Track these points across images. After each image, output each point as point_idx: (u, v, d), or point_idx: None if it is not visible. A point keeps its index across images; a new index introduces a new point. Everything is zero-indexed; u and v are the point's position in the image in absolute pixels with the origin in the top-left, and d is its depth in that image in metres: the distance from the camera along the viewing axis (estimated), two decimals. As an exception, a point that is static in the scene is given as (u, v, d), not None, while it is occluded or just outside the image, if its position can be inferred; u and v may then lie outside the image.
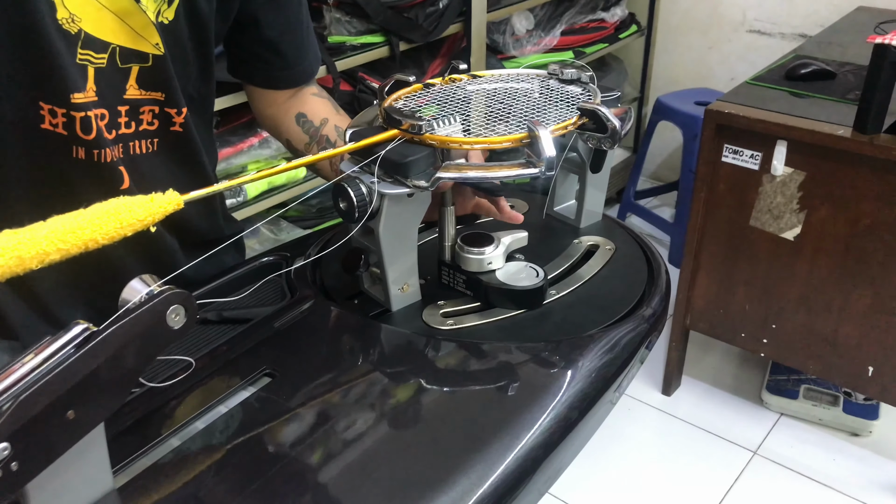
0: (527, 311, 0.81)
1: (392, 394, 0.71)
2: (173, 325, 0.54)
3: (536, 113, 0.78)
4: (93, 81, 0.76)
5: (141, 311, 0.52)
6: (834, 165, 1.51)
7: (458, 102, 0.81)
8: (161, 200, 0.60)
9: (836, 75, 1.72)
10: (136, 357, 0.53)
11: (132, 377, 0.54)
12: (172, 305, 0.54)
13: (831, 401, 1.87)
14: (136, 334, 0.52)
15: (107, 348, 0.51)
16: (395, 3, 1.75)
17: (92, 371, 0.50)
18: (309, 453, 0.63)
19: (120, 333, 0.52)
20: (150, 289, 0.53)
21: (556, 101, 0.81)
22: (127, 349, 0.52)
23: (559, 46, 2.28)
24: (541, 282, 0.81)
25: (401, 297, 0.81)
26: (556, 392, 0.72)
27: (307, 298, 0.81)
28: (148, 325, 0.53)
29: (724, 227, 1.71)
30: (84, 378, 0.50)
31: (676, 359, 1.96)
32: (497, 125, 0.76)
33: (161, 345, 0.54)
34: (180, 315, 0.55)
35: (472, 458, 0.63)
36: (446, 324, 0.79)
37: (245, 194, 1.58)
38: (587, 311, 0.82)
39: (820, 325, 1.66)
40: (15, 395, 0.48)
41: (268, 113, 0.99)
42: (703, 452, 1.84)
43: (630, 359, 0.81)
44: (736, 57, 2.61)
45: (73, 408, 0.50)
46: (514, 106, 0.80)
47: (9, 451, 0.47)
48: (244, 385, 0.69)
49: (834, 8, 2.33)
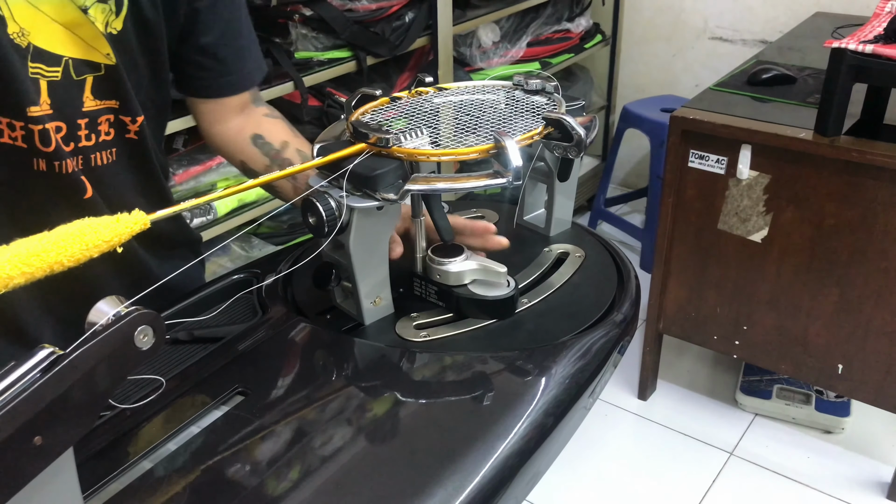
0: (498, 320, 0.82)
1: (367, 408, 0.70)
2: (141, 346, 0.54)
3: (503, 124, 0.79)
4: (46, 94, 0.76)
5: (108, 332, 0.52)
6: (797, 168, 1.54)
7: (426, 115, 0.81)
8: (127, 220, 0.59)
9: (796, 80, 1.75)
10: (105, 379, 0.52)
11: (101, 400, 0.53)
12: (140, 326, 0.53)
13: (804, 399, 1.90)
14: (104, 356, 0.52)
15: (74, 372, 0.50)
16: (362, 18, 1.76)
17: (59, 395, 0.49)
18: (285, 471, 0.62)
19: (87, 356, 0.51)
20: (116, 310, 0.52)
21: (521, 112, 0.81)
22: (95, 372, 0.51)
23: (525, 57, 2.31)
24: (511, 291, 0.81)
25: (373, 310, 0.81)
26: (530, 399, 0.73)
27: (279, 315, 0.81)
28: (116, 346, 0.52)
29: (693, 231, 1.73)
30: (51, 403, 0.49)
31: (651, 363, 1.98)
32: (465, 137, 0.76)
33: (130, 366, 0.54)
34: (148, 336, 0.54)
35: (449, 468, 0.63)
36: (419, 336, 0.79)
37: (215, 212, 1.57)
38: (559, 319, 0.83)
39: (790, 325, 1.68)
40: None
41: (216, 130, 0.98)
42: (680, 455, 1.85)
43: (603, 364, 0.82)
44: (699, 64, 2.65)
45: (41, 433, 0.49)
46: (482, 118, 0.80)
47: None
48: (216, 404, 0.68)
49: (792, 14, 2.38)
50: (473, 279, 0.81)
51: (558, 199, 0.95)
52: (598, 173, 2.75)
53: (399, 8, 1.83)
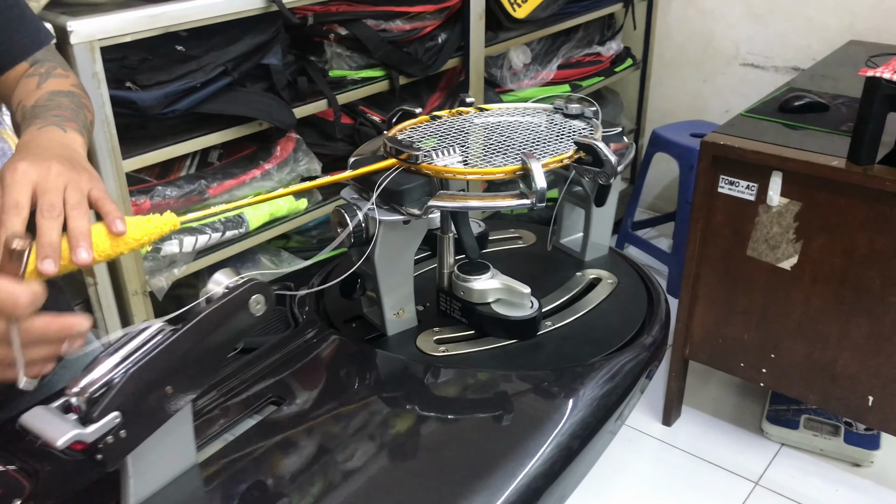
0: (519, 340, 0.82)
1: (394, 422, 0.71)
2: (255, 313, 0.61)
3: (536, 146, 0.80)
4: None
5: (227, 299, 0.58)
6: (829, 196, 1.53)
7: (461, 134, 0.83)
8: (158, 221, 0.62)
9: (829, 107, 1.74)
10: (223, 341, 0.59)
11: (219, 359, 0.60)
12: (254, 294, 0.60)
13: (832, 431, 1.87)
14: (223, 320, 0.58)
15: (199, 332, 0.57)
16: (395, 38, 1.78)
17: (186, 351, 0.57)
18: (316, 479, 0.63)
19: (210, 319, 0.57)
20: (232, 280, 0.59)
21: (557, 135, 0.82)
22: (215, 333, 0.58)
23: (556, 80, 2.32)
24: (533, 313, 0.82)
25: (396, 322, 0.82)
26: (557, 421, 0.73)
27: (311, 327, 0.82)
28: (233, 311, 0.59)
29: (722, 257, 1.72)
30: (180, 357, 0.56)
31: (676, 389, 1.96)
32: (494, 157, 0.77)
33: (244, 329, 0.60)
34: (261, 303, 0.61)
35: (476, 485, 0.63)
36: (438, 350, 0.80)
37: (247, 225, 1.59)
38: (581, 343, 0.83)
39: (819, 354, 1.66)
40: (124, 370, 0.54)
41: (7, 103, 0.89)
42: (704, 483, 1.83)
43: (631, 387, 0.82)
44: (729, 90, 2.64)
45: (171, 383, 0.57)
46: (514, 139, 0.81)
47: (119, 420, 0.54)
48: (250, 413, 0.69)
49: (825, 42, 2.37)
50: (497, 298, 0.82)
51: (595, 223, 0.95)
52: (626, 197, 2.75)
53: (432, 29, 1.85)
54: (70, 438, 0.52)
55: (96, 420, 0.53)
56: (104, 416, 0.53)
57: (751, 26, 2.51)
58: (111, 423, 0.53)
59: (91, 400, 0.53)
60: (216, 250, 1.56)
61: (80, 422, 0.53)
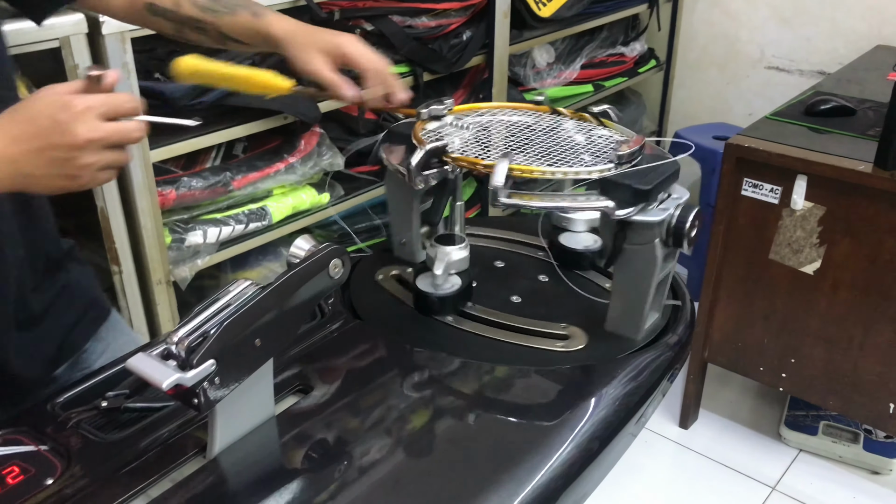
0: None
1: (417, 413, 0.72)
2: (334, 276, 0.66)
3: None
4: None
5: (309, 262, 0.63)
6: (854, 200, 1.52)
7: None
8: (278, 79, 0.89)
9: (855, 111, 1.73)
10: (304, 301, 0.64)
11: (300, 317, 0.65)
12: (333, 258, 0.65)
13: (851, 438, 1.85)
14: (305, 281, 0.63)
15: (285, 291, 0.62)
16: (421, 34, 1.79)
17: (273, 308, 0.61)
18: (343, 466, 0.64)
19: (293, 280, 0.62)
20: (312, 244, 0.65)
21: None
22: (298, 293, 0.63)
23: (579, 80, 2.31)
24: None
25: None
26: (580, 418, 0.73)
27: (338, 318, 0.83)
28: (314, 273, 0.64)
29: (743, 260, 1.71)
30: (267, 314, 0.60)
31: (694, 392, 1.95)
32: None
33: (323, 292, 0.65)
34: (339, 267, 0.65)
35: (500, 478, 0.64)
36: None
37: (270, 218, 1.60)
38: (607, 340, 0.83)
39: (840, 360, 1.65)
40: (219, 322, 0.58)
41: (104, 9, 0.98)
42: (720, 487, 1.82)
43: (654, 387, 0.82)
44: (753, 93, 2.63)
45: (260, 337, 0.60)
46: (532, 140, 0.82)
47: (215, 367, 0.58)
48: (277, 400, 0.70)
49: (852, 46, 2.35)
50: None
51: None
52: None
53: (457, 26, 1.85)
54: (173, 381, 0.56)
55: (195, 366, 0.57)
56: (202, 363, 0.57)
57: (777, 29, 2.50)
58: (208, 370, 0.57)
59: (189, 348, 0.58)
60: (239, 242, 1.57)
61: (180, 368, 0.57)
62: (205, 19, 0.94)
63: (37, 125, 0.64)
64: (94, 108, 0.64)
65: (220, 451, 0.63)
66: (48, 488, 0.62)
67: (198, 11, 0.94)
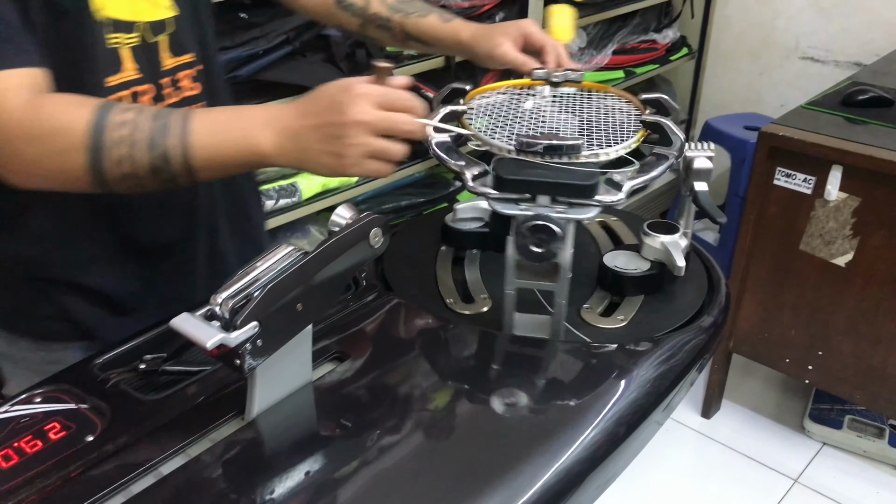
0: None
1: (443, 388, 0.72)
2: (374, 245, 0.66)
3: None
4: (132, 60, 0.79)
5: (351, 230, 0.64)
6: (890, 192, 1.50)
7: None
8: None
9: (893, 103, 1.70)
10: (345, 268, 0.65)
11: (340, 284, 0.66)
12: (374, 228, 0.66)
13: (876, 433, 1.84)
14: (346, 249, 0.64)
15: (326, 257, 0.62)
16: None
17: (315, 274, 0.62)
18: (377, 434, 0.64)
19: (335, 246, 0.63)
20: (354, 213, 0.66)
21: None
22: (339, 260, 0.63)
23: (610, 65, 2.30)
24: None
25: None
26: (608, 399, 0.72)
27: (373, 290, 0.84)
28: (355, 242, 0.65)
29: (773, 250, 1.69)
30: (309, 279, 0.61)
31: (718, 382, 1.94)
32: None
33: (364, 260, 0.66)
34: (379, 237, 0.66)
35: (526, 458, 0.64)
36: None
37: (300, 195, 1.61)
38: (647, 318, 0.83)
39: (868, 354, 1.63)
40: (262, 285, 0.59)
41: (298, 4, 1.03)
42: (742, 477, 1.81)
43: (685, 372, 0.81)
44: (786, 83, 2.59)
45: (301, 301, 0.61)
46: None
47: (257, 329, 0.58)
48: (315, 367, 0.71)
49: (891, 38, 2.31)
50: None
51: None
52: (674, 188, 2.71)
53: (491, 7, 1.85)
54: (217, 341, 0.57)
55: (239, 327, 0.58)
56: (245, 325, 0.58)
57: (813, 19, 2.45)
58: (251, 332, 0.58)
59: (233, 310, 0.58)
60: (269, 218, 1.58)
61: (223, 328, 0.58)
62: (393, 18, 0.99)
63: (319, 104, 0.70)
64: (370, 95, 0.70)
65: (258, 414, 0.64)
66: (90, 444, 0.63)
67: (386, 10, 0.99)
